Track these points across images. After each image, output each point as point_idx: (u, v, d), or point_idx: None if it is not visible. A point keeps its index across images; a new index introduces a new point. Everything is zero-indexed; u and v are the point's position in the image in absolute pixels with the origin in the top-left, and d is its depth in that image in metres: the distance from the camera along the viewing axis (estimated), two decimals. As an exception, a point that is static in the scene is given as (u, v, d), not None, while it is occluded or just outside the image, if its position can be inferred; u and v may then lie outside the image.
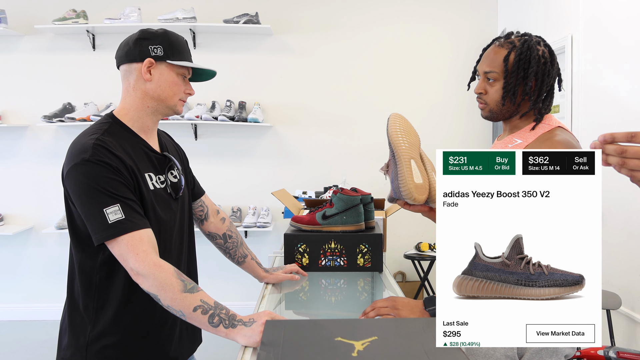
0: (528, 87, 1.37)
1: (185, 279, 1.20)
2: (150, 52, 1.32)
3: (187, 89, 1.40)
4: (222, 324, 1.17)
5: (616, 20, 2.47)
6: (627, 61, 2.38)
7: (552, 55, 1.40)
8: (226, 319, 1.18)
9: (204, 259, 2.68)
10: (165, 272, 1.17)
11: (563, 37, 2.95)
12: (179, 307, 1.17)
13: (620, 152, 0.76)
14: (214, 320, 1.17)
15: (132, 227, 1.18)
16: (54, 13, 3.90)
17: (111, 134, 1.29)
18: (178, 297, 1.16)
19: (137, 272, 1.17)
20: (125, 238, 1.17)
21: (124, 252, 1.18)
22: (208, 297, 1.20)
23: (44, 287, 4.06)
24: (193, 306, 1.17)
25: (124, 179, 1.23)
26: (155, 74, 1.33)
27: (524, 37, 1.40)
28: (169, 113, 1.39)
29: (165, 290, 1.16)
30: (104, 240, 1.18)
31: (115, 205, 1.18)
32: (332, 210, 1.81)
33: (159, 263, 1.18)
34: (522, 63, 1.36)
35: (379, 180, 4.07)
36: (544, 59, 1.37)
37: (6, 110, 4.01)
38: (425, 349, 0.99)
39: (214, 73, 1.44)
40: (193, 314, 1.17)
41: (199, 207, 1.62)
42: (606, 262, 1.55)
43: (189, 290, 1.18)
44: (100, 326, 1.29)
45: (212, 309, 1.18)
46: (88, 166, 1.20)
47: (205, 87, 3.99)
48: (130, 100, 1.35)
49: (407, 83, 4.08)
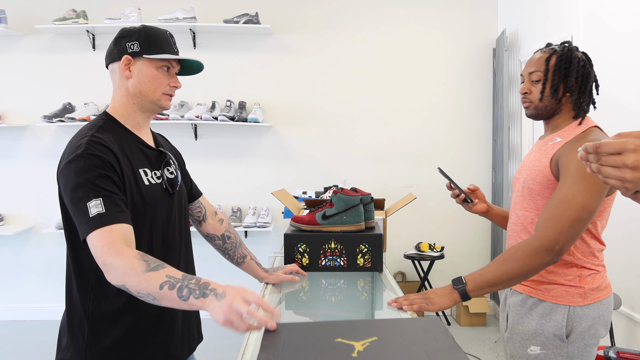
0: (569, 85, 1.49)
1: (150, 259, 1.12)
2: (127, 49, 1.31)
3: (172, 82, 1.37)
4: (192, 295, 1.07)
5: (616, 20, 2.47)
6: (627, 61, 2.38)
7: (590, 60, 1.53)
8: (196, 288, 1.08)
9: (203, 258, 2.69)
10: (128, 257, 1.11)
11: (563, 37, 2.95)
12: (146, 289, 1.09)
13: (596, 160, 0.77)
14: (183, 293, 1.07)
15: (108, 221, 1.14)
16: (54, 13, 3.90)
17: (106, 130, 1.29)
18: (142, 279, 1.08)
19: (103, 264, 1.12)
20: (96, 232, 1.13)
21: (93, 247, 1.13)
22: (176, 271, 1.11)
23: (44, 287, 4.06)
24: (159, 283, 1.08)
25: (113, 174, 1.21)
26: (134, 70, 1.32)
27: (564, 44, 1.53)
28: (155, 109, 1.37)
29: (129, 275, 1.09)
30: (85, 234, 1.15)
31: (97, 199, 1.16)
32: (332, 210, 1.81)
33: (121, 250, 1.11)
34: (564, 62, 1.48)
35: (379, 180, 4.09)
36: (583, 61, 1.50)
37: (6, 110, 4.01)
38: (425, 349, 0.99)
39: (200, 64, 1.42)
40: (161, 292, 1.08)
41: (197, 209, 1.62)
42: (606, 262, 1.56)
43: (153, 268, 1.10)
44: (99, 326, 1.28)
45: (179, 282, 1.08)
46: (79, 161, 1.19)
47: (205, 87, 4.01)
48: (119, 99, 1.36)
49: (407, 83, 4.08)
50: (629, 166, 0.73)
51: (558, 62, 1.48)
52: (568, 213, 1.34)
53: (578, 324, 1.45)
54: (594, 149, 0.76)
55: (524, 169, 1.57)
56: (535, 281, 1.51)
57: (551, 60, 1.49)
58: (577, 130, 1.47)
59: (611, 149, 0.74)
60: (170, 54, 1.35)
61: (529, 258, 1.35)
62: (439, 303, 1.38)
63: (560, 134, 1.51)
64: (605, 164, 0.75)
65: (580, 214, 1.34)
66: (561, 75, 1.48)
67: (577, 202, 1.33)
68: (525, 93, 1.54)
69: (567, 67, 1.47)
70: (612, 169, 0.75)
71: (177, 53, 1.39)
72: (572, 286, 1.46)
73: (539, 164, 1.49)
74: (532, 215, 1.51)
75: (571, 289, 1.45)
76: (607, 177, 0.76)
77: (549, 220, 1.36)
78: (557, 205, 1.36)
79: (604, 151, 0.75)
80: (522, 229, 1.54)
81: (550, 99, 1.50)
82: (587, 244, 1.47)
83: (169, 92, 1.37)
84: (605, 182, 0.77)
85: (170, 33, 1.39)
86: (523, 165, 1.61)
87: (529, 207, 1.52)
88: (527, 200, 1.52)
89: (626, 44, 2.39)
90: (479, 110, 4.11)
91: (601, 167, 0.76)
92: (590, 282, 1.46)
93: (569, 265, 1.47)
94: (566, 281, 1.46)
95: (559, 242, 1.34)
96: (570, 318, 1.44)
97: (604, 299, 1.48)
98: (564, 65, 1.47)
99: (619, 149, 0.74)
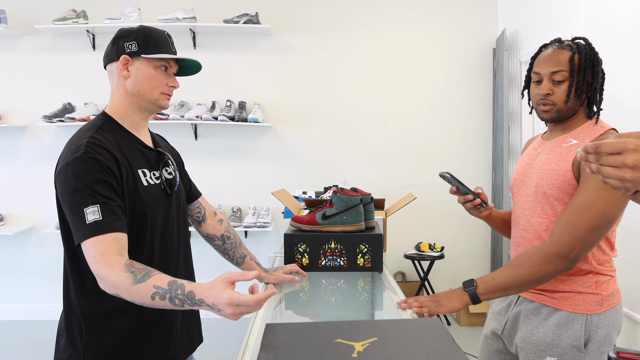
0: (593, 85, 1.42)
1: (136, 269, 1.12)
2: (125, 49, 1.31)
3: (170, 81, 1.37)
4: (186, 304, 1.09)
5: (616, 20, 2.47)
6: (627, 61, 2.38)
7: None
8: (185, 299, 1.08)
9: (202, 258, 2.69)
10: (115, 269, 1.11)
11: (563, 37, 2.95)
12: (139, 300, 1.10)
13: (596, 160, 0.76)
14: (175, 302, 1.09)
15: (104, 229, 1.15)
16: (54, 13, 3.90)
17: (105, 130, 1.29)
18: (132, 291, 1.10)
19: (97, 275, 1.13)
20: (90, 240, 1.14)
21: (87, 255, 1.15)
22: (161, 279, 1.11)
23: (43, 287, 4.06)
24: (149, 295, 1.09)
25: (111, 179, 1.21)
26: (132, 70, 1.32)
27: (582, 40, 1.45)
28: (153, 109, 1.37)
29: (119, 288, 1.11)
30: (79, 241, 1.15)
31: (95, 205, 1.16)
32: (332, 210, 1.81)
33: (110, 262, 1.12)
34: (589, 62, 1.41)
35: (379, 180, 4.09)
36: (601, 60, 1.44)
37: (6, 110, 4.01)
38: (425, 349, 0.99)
39: (198, 65, 1.42)
40: (154, 302, 1.09)
41: (196, 209, 1.62)
42: (606, 262, 1.55)
43: (139, 280, 1.10)
44: (97, 327, 1.28)
45: (167, 292, 1.09)
46: (78, 164, 1.19)
47: (205, 87, 4.01)
48: (117, 99, 1.36)
49: (406, 83, 4.08)
50: (628, 166, 0.73)
51: (584, 62, 1.40)
52: (586, 220, 1.29)
53: (595, 332, 1.41)
54: (593, 149, 0.76)
55: (535, 172, 1.48)
56: (549, 290, 1.46)
57: (575, 58, 1.41)
58: (594, 132, 1.41)
59: (611, 148, 0.74)
60: (168, 54, 1.35)
61: (543, 264, 1.32)
62: (448, 306, 1.37)
63: (574, 135, 1.44)
64: (605, 163, 0.75)
65: (599, 222, 1.29)
66: (586, 75, 1.41)
67: (598, 209, 1.29)
68: (547, 94, 1.43)
69: (593, 67, 1.41)
70: (612, 168, 0.75)
71: (175, 53, 1.39)
72: (590, 294, 1.41)
73: (558, 168, 1.41)
74: (546, 222, 1.44)
75: (589, 296, 1.41)
76: (607, 177, 0.76)
77: (566, 227, 1.32)
78: (576, 212, 1.31)
79: (603, 151, 0.75)
80: (535, 236, 1.48)
81: (575, 101, 1.42)
82: (603, 250, 1.43)
83: (167, 92, 1.37)
84: (605, 182, 0.77)
85: (168, 33, 1.39)
86: (530, 167, 1.52)
87: (543, 213, 1.45)
88: (542, 205, 1.45)
89: (626, 44, 2.39)
90: (479, 110, 4.11)
91: (601, 167, 0.76)
92: (606, 289, 1.43)
93: (585, 273, 1.42)
94: (584, 289, 1.42)
95: (575, 249, 1.30)
96: (587, 327, 1.40)
97: (617, 304, 1.46)
98: (589, 65, 1.41)
99: (619, 149, 0.74)
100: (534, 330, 1.46)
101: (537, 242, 1.46)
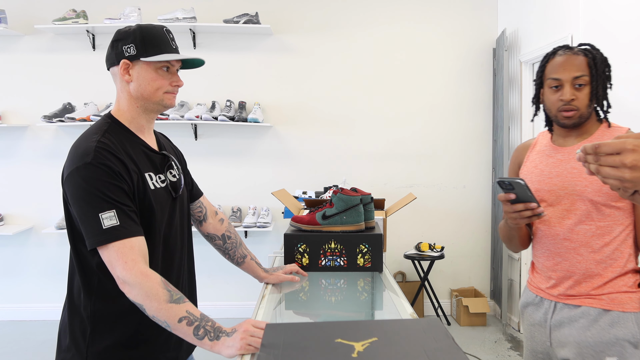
0: (607, 88, 1.47)
1: (172, 289, 1.18)
2: (124, 53, 1.30)
3: (174, 80, 1.35)
4: (207, 337, 1.16)
5: (616, 20, 2.47)
6: (627, 61, 2.38)
7: None
8: (211, 331, 1.16)
9: (203, 259, 2.69)
10: (152, 282, 1.16)
11: (563, 37, 2.95)
12: (165, 317, 1.15)
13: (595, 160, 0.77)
14: (199, 332, 1.15)
15: (124, 234, 1.17)
16: (54, 13, 3.90)
17: (112, 134, 1.29)
18: (164, 307, 1.15)
19: (124, 281, 1.16)
20: (115, 245, 1.16)
21: (112, 260, 1.17)
22: (194, 308, 1.19)
23: (44, 287, 4.06)
24: (178, 317, 1.15)
25: (123, 184, 1.22)
26: (133, 73, 1.31)
27: (588, 45, 1.48)
28: (159, 109, 1.36)
29: (151, 300, 1.15)
30: (96, 245, 1.18)
31: (111, 210, 1.17)
32: (332, 210, 1.81)
33: (146, 272, 1.17)
34: (604, 66, 1.46)
35: (379, 180, 4.09)
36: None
37: (6, 110, 4.01)
38: (425, 349, 0.99)
39: (201, 60, 1.40)
40: (178, 325, 1.15)
41: (198, 209, 1.62)
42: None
43: (175, 300, 1.16)
44: (101, 328, 1.28)
45: (197, 321, 1.16)
46: (89, 169, 1.19)
47: (205, 87, 4.01)
48: (122, 101, 1.35)
49: (407, 83, 4.08)
50: (627, 166, 0.73)
51: (601, 66, 1.44)
52: None
53: None
54: (592, 149, 0.76)
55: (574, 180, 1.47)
56: (594, 294, 1.47)
57: (592, 63, 1.44)
58: (615, 133, 1.45)
59: (610, 149, 0.75)
60: (168, 52, 1.32)
61: None
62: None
63: (597, 139, 1.48)
64: (604, 164, 0.76)
65: None
66: (604, 79, 1.45)
67: None
68: (571, 100, 1.43)
69: (608, 71, 1.46)
70: (611, 169, 0.75)
71: (176, 49, 1.36)
72: (634, 292, 1.45)
73: None
74: (593, 228, 1.45)
75: (634, 294, 1.45)
76: (606, 177, 0.76)
77: None
78: None
79: (602, 151, 0.75)
80: (581, 244, 1.47)
81: (593, 105, 1.46)
82: (639, 248, 1.49)
83: (171, 91, 1.35)
84: (605, 183, 0.78)
85: (167, 29, 1.35)
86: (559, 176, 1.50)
87: (589, 220, 1.45)
88: (589, 212, 1.45)
89: (626, 43, 2.39)
90: (479, 110, 4.11)
91: (600, 167, 0.76)
92: None
93: (626, 272, 1.46)
94: (628, 288, 1.45)
95: None
96: (639, 324, 1.44)
97: None
98: (606, 69, 1.46)
99: (618, 149, 0.74)
100: (586, 333, 1.47)
101: (584, 249, 1.47)
